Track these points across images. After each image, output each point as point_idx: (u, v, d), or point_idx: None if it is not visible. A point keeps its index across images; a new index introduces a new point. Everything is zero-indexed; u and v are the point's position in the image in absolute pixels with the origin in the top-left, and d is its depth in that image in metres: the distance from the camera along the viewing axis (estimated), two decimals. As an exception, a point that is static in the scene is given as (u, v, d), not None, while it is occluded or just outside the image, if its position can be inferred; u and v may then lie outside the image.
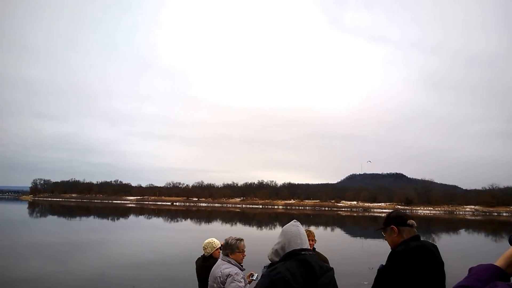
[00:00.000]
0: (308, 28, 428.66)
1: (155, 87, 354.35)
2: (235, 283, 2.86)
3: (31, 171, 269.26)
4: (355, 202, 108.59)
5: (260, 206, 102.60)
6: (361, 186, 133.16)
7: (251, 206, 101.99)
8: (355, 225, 41.39)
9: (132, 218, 43.21)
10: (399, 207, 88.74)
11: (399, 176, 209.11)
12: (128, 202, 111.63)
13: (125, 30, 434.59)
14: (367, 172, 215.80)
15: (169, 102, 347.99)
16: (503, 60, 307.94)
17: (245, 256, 3.20)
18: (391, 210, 2.46)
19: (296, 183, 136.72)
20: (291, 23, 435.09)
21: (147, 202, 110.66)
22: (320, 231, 29.24)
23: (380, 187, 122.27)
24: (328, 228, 33.72)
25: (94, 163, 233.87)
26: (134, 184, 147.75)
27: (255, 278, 3.30)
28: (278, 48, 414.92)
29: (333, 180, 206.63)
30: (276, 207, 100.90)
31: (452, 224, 44.37)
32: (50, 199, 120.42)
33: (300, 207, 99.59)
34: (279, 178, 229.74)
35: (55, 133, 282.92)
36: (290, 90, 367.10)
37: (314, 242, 3.89)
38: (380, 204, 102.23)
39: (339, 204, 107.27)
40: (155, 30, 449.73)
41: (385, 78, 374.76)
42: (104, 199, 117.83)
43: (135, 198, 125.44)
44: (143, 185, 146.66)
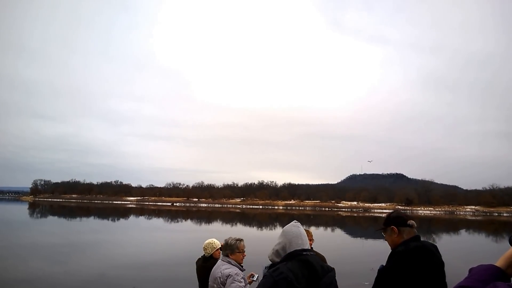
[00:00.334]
0: (308, 28, 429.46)
1: (155, 87, 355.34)
2: (236, 284, 2.85)
3: (31, 172, 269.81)
4: (355, 203, 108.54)
5: (260, 207, 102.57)
6: (361, 186, 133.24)
7: (251, 207, 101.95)
8: (356, 225, 41.35)
9: (132, 218, 43.20)
10: (400, 207, 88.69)
11: (399, 177, 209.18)
12: (128, 202, 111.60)
13: (122, 30, 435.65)
14: (367, 172, 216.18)
15: (169, 103, 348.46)
16: (502, 59, 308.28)
17: (245, 256, 3.20)
18: (391, 211, 2.46)
19: (296, 184, 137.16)
20: (290, 23, 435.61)
21: (147, 203, 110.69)
22: (320, 231, 29.23)
23: (380, 188, 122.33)
24: (329, 229, 33.70)
25: (94, 164, 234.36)
26: (134, 184, 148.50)
27: (255, 279, 3.29)
28: (277, 49, 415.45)
29: (333, 181, 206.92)
30: (276, 207, 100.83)
31: (453, 225, 44.32)
32: (50, 199, 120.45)
33: (300, 208, 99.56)
34: (279, 179, 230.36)
35: (54, 133, 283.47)
36: (290, 90, 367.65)
37: (312, 242, 3.89)
38: (380, 204, 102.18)
39: (339, 205, 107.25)
40: (153, 30, 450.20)
41: (384, 78, 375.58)
42: (104, 200, 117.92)
43: (135, 198, 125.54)
44: (143, 185, 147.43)
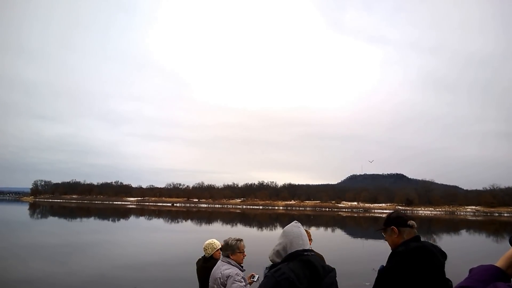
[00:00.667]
0: (308, 28, 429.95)
1: (155, 88, 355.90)
2: (237, 284, 2.85)
3: (31, 173, 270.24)
4: (355, 203, 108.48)
5: (261, 207, 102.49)
6: (361, 186, 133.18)
7: (251, 207, 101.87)
8: (356, 225, 41.31)
9: (132, 219, 43.17)
10: (400, 207, 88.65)
11: (399, 177, 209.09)
12: (129, 203, 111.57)
13: (121, 30, 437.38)
14: (368, 172, 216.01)
15: (169, 103, 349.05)
16: (501, 59, 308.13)
17: (245, 256, 3.20)
18: (391, 211, 2.46)
19: (296, 184, 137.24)
20: (290, 23, 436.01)
21: (147, 203, 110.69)
22: (320, 231, 29.21)
23: (381, 188, 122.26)
24: (329, 229, 33.67)
25: (94, 164, 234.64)
26: (134, 185, 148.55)
27: (256, 279, 3.28)
28: (277, 49, 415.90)
29: (333, 181, 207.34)
30: (276, 208, 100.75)
31: (453, 225, 44.27)
32: (50, 200, 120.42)
33: (300, 208, 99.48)
34: (280, 179, 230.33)
35: (53, 134, 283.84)
36: (290, 90, 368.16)
37: (311, 242, 3.89)
38: (380, 204, 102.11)
39: (339, 205, 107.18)
40: (152, 31, 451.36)
41: (384, 78, 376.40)
42: (105, 200, 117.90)
43: (136, 199, 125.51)
44: (144, 186, 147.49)
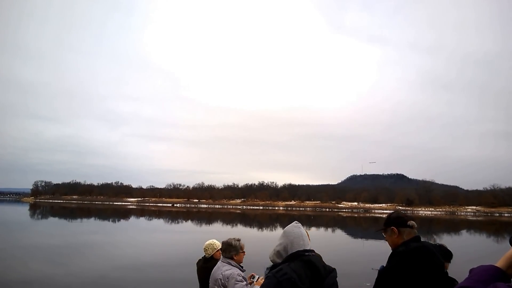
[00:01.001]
0: (308, 29, 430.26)
1: (154, 88, 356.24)
2: (239, 284, 2.85)
3: (31, 173, 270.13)
4: (355, 203, 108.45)
5: (261, 207, 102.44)
6: (361, 187, 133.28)
7: (251, 207, 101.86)
8: (356, 226, 41.28)
9: (133, 219, 43.16)
10: (400, 208, 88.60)
11: (399, 177, 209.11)
12: (129, 203, 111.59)
13: (118, 31, 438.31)
14: (368, 173, 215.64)
15: (168, 104, 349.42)
16: (499, 59, 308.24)
17: (244, 254, 3.21)
18: (391, 211, 2.46)
19: (296, 184, 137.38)
20: (290, 24, 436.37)
21: (147, 204, 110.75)
22: (321, 232, 29.17)
23: (381, 188, 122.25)
24: (329, 229, 33.62)
25: (94, 165, 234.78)
26: (134, 185, 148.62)
27: (255, 280, 3.28)
28: (277, 49, 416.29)
29: (333, 181, 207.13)
30: (276, 208, 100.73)
31: (453, 225, 44.24)
32: (51, 201, 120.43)
33: (300, 208, 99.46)
34: (280, 179, 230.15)
35: (53, 135, 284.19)
36: (290, 91, 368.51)
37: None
38: (381, 205, 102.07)
39: (339, 205, 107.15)
40: (151, 31, 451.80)
41: (383, 78, 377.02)
42: (105, 201, 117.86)
43: (136, 199, 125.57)
44: (144, 186, 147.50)
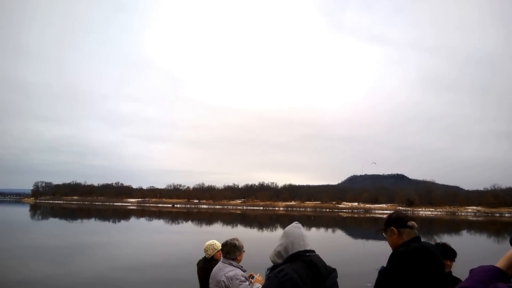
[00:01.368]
0: (308, 29, 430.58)
1: (155, 89, 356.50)
2: (244, 284, 2.87)
3: (32, 174, 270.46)
4: (356, 203, 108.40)
5: (261, 208, 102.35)
6: (362, 187, 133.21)
7: (252, 208, 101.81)
8: (356, 226, 41.25)
9: (133, 220, 43.16)
10: (401, 208, 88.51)
11: (400, 177, 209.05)
12: (129, 204, 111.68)
13: (119, 31, 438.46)
14: (368, 173, 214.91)
15: (169, 104, 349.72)
16: (501, 58, 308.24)
17: (244, 252, 3.24)
18: (392, 211, 2.46)
19: (296, 185, 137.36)
20: (291, 24, 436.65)
21: (148, 204, 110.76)
22: (321, 232, 29.16)
23: (381, 188, 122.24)
24: (329, 230, 33.60)
25: (95, 166, 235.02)
26: (135, 186, 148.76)
27: (254, 280, 3.29)
28: (278, 50, 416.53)
29: (334, 181, 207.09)
30: (277, 208, 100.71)
31: (454, 225, 44.18)
32: (51, 201, 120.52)
33: (301, 209, 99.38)
34: (280, 180, 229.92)
35: (54, 135, 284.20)
36: (291, 91, 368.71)
37: None
38: (381, 205, 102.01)
39: (340, 206, 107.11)
40: (152, 32, 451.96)
41: (384, 78, 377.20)
42: (105, 202, 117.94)
43: (136, 200, 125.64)
44: (144, 187, 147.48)
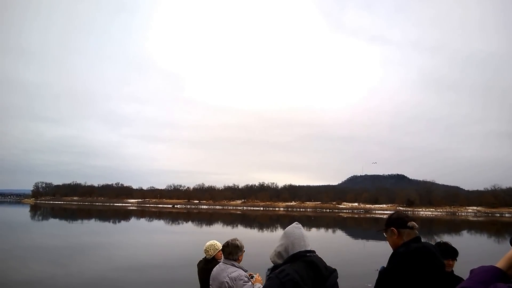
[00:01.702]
0: (308, 29, 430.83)
1: (155, 89, 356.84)
2: (247, 284, 2.88)
3: (32, 175, 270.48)
4: (356, 204, 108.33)
5: (261, 208, 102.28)
6: (362, 187, 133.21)
7: (252, 208, 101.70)
8: (357, 226, 41.24)
9: (133, 220, 43.16)
10: (401, 208, 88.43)
11: (400, 177, 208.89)
12: (129, 204, 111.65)
13: (121, 32, 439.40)
14: (368, 173, 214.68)
15: (169, 105, 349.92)
16: (502, 59, 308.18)
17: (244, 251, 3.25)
18: (392, 212, 2.46)
19: (297, 185, 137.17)
20: (291, 24, 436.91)
21: (148, 205, 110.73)
22: (321, 233, 29.16)
23: (382, 189, 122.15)
24: (330, 230, 33.60)
25: (95, 166, 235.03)
26: (135, 186, 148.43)
27: (254, 279, 3.31)
28: (278, 50, 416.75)
29: (334, 182, 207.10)
30: (277, 209, 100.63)
31: (454, 226, 44.15)
32: (51, 202, 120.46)
33: (301, 209, 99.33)
34: (280, 180, 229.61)
35: (55, 136, 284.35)
36: (291, 91, 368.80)
37: None
38: (381, 205, 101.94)
39: (340, 206, 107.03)
40: (153, 32, 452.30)
41: (385, 78, 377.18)
42: (106, 202, 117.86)
43: (136, 200, 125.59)
44: (144, 187, 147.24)
